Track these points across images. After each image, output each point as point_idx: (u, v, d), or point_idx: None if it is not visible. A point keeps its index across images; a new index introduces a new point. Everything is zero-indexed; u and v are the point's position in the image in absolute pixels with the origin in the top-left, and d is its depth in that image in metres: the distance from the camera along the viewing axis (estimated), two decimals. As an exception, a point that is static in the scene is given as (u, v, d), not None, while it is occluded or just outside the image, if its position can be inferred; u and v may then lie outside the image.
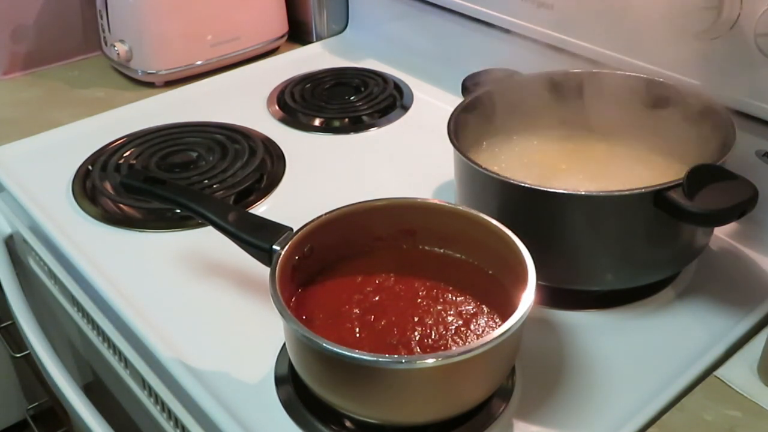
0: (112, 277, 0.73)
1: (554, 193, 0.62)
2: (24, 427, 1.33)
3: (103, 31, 1.12)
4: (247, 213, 0.65)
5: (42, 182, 0.87)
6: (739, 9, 0.69)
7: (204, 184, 0.84)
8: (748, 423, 0.55)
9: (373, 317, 0.58)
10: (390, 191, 0.66)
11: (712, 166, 0.61)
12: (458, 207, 0.63)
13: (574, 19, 0.81)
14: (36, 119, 1.02)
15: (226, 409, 0.59)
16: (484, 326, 0.57)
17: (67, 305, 0.80)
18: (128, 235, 0.79)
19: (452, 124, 0.70)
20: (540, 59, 0.85)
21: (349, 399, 0.54)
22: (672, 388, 0.59)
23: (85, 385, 0.89)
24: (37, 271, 0.87)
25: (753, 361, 0.59)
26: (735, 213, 0.58)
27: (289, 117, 1.00)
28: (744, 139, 0.68)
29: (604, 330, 0.65)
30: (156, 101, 1.06)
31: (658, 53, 0.76)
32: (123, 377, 0.72)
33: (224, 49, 1.13)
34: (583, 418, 0.57)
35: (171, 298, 0.71)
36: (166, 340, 0.65)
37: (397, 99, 1.02)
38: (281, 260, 0.57)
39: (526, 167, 0.74)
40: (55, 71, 1.17)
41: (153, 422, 0.68)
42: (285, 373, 0.61)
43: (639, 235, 0.63)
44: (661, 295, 0.68)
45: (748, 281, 0.70)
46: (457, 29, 1.01)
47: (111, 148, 0.92)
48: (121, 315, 0.69)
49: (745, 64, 0.70)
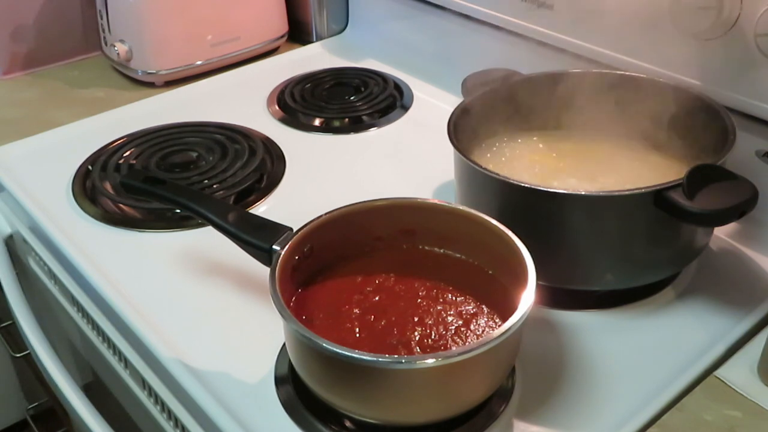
0: (112, 277, 0.73)
1: (554, 193, 0.62)
2: (24, 427, 1.33)
3: (103, 31, 1.12)
4: (247, 213, 0.65)
5: (42, 182, 0.87)
6: (739, 9, 0.69)
7: (204, 184, 0.84)
8: (748, 423, 0.55)
9: (373, 317, 0.58)
10: (390, 191, 0.66)
11: (712, 166, 0.61)
12: (458, 207, 0.63)
13: (574, 19, 0.81)
14: (36, 119, 1.02)
15: (226, 409, 0.59)
16: (484, 326, 0.57)
17: (67, 305, 0.80)
18: (128, 235, 0.79)
19: (452, 124, 0.70)
20: (540, 59, 0.85)
21: (349, 399, 0.54)
22: (672, 388, 0.59)
23: (85, 385, 0.89)
24: (37, 271, 0.87)
25: (753, 361, 0.59)
26: (735, 213, 0.58)
27: (289, 117, 1.00)
28: (744, 139, 0.68)
29: (604, 330, 0.65)
30: (156, 101, 1.06)
31: (658, 53, 0.76)
32: (123, 377, 0.72)
33: (224, 49, 1.13)
34: (583, 418, 0.57)
35: (171, 298, 0.71)
36: (166, 340, 0.65)
37: (397, 99, 1.02)
38: (281, 260, 0.57)
39: (526, 167, 0.74)
40: (55, 71, 1.17)
41: (153, 422, 0.68)
42: (285, 373, 0.61)
43: (639, 235, 0.63)
44: (661, 295, 0.68)
45: (748, 281, 0.70)
46: (457, 29, 1.01)
47: (111, 148, 0.92)
48: (121, 315, 0.69)
49: (745, 64, 0.70)
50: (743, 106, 0.71)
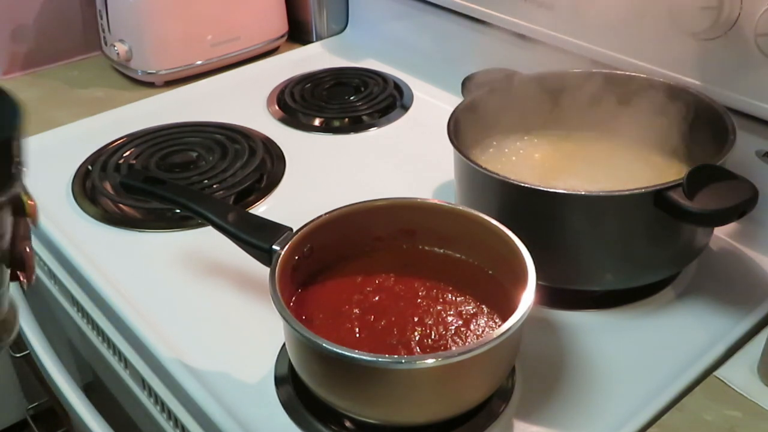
0: (112, 277, 0.73)
1: (554, 193, 0.62)
2: (24, 427, 1.33)
3: (103, 31, 1.12)
4: (247, 213, 0.65)
5: (42, 182, 0.87)
6: (739, 9, 0.69)
7: (204, 184, 0.84)
8: (748, 423, 0.55)
9: (373, 317, 0.58)
10: (390, 191, 0.66)
11: (712, 166, 0.61)
12: (458, 207, 0.63)
13: (574, 19, 0.81)
14: (36, 119, 1.02)
15: (226, 409, 0.59)
16: (484, 326, 0.57)
17: (67, 305, 0.80)
18: (128, 235, 0.79)
19: (452, 124, 0.70)
20: (540, 59, 0.85)
21: (349, 399, 0.54)
22: (672, 388, 0.59)
23: (85, 385, 0.89)
24: (37, 271, 0.86)
25: (753, 361, 0.59)
26: (735, 213, 0.58)
27: (289, 117, 1.00)
28: (744, 139, 0.68)
29: (604, 330, 0.65)
30: (156, 101, 1.06)
31: (658, 53, 0.76)
32: (123, 377, 0.72)
33: (224, 49, 1.13)
34: (583, 418, 0.57)
35: (171, 298, 0.71)
36: (166, 340, 0.65)
37: (397, 99, 1.02)
38: (281, 260, 0.57)
39: (526, 167, 0.74)
40: (55, 71, 1.17)
41: (153, 422, 0.68)
42: (285, 373, 0.61)
43: (639, 235, 0.63)
44: (661, 295, 0.68)
45: (748, 281, 0.70)
46: (457, 29, 1.01)
47: (111, 148, 0.92)
48: (121, 315, 0.69)
49: (745, 64, 0.70)
50: (743, 106, 0.71)
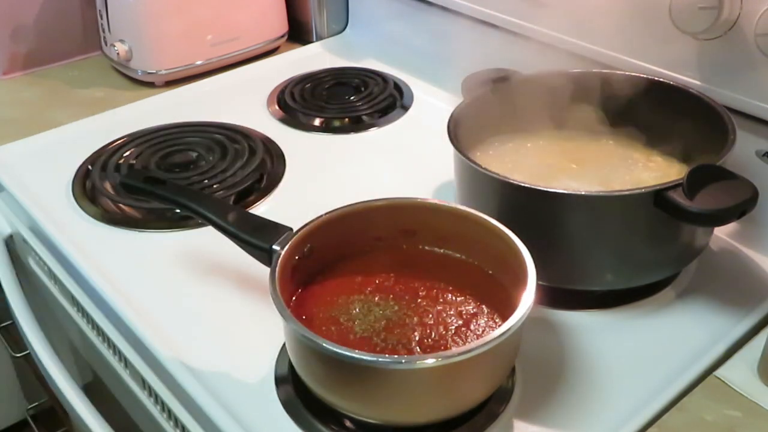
0: (112, 277, 0.73)
1: (554, 193, 0.62)
2: (24, 427, 1.33)
3: (103, 31, 1.12)
4: (247, 213, 0.65)
5: (42, 182, 0.87)
6: (739, 9, 0.69)
7: (204, 184, 0.84)
8: (748, 423, 0.55)
9: (374, 317, 0.58)
10: (390, 191, 0.66)
11: (712, 166, 0.61)
12: (458, 207, 0.63)
13: (575, 18, 0.81)
14: (36, 119, 1.02)
15: (226, 409, 0.59)
16: (484, 326, 0.57)
17: (67, 305, 0.80)
18: (128, 235, 0.79)
19: (452, 124, 0.70)
20: (540, 59, 0.85)
21: (349, 399, 0.54)
22: (672, 388, 0.59)
23: (85, 385, 0.89)
24: (37, 271, 0.86)
25: (753, 361, 0.59)
26: (735, 213, 0.58)
27: (289, 117, 1.00)
28: (744, 139, 0.68)
29: (604, 330, 0.65)
30: (156, 101, 1.06)
31: (658, 53, 0.76)
32: (123, 377, 0.72)
33: (224, 49, 1.13)
34: (583, 418, 0.57)
35: (171, 298, 0.71)
36: (166, 340, 0.65)
37: (397, 99, 1.02)
38: (281, 260, 0.57)
39: (526, 167, 0.73)
40: (55, 71, 1.17)
41: (153, 422, 0.68)
42: (285, 373, 0.61)
43: (639, 235, 0.63)
44: (661, 295, 0.68)
45: (748, 281, 0.70)
46: (457, 29, 1.01)
47: (111, 148, 0.92)
48: (121, 315, 0.69)
49: (745, 64, 0.70)
50: (743, 106, 0.71)
